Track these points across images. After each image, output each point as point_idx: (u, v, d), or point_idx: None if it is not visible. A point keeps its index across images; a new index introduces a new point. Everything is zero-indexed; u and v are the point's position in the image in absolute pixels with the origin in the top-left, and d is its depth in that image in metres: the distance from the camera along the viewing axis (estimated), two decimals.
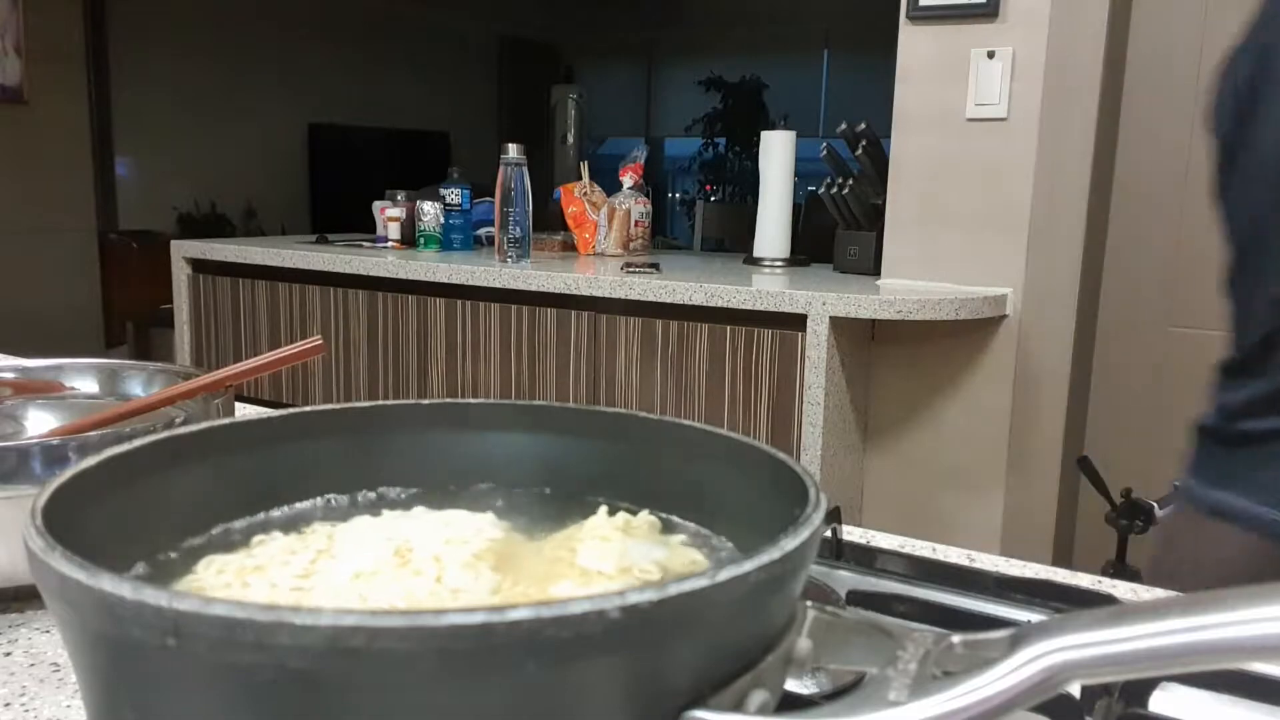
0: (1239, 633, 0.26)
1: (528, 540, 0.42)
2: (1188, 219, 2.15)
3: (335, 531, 0.42)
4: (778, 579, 0.30)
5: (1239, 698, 0.48)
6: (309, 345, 0.70)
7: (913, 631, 0.32)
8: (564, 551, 0.40)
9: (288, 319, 2.55)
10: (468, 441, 0.48)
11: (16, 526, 0.31)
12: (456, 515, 0.43)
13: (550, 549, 0.41)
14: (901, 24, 2.14)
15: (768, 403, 2.01)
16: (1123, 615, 0.28)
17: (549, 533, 0.43)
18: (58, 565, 0.27)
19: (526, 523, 0.44)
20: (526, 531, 0.43)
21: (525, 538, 0.42)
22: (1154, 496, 1.90)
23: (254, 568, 0.38)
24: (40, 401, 0.75)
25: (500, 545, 0.41)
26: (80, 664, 0.30)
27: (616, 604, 0.25)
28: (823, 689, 0.45)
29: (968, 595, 0.59)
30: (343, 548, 0.40)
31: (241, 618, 0.24)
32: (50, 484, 0.34)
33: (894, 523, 2.32)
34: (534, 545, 0.42)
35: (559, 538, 0.42)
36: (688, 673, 0.28)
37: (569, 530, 0.42)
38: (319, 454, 0.46)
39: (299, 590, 0.36)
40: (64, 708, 0.48)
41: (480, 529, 0.41)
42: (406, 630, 0.24)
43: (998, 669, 0.28)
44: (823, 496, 0.35)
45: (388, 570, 0.38)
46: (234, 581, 0.37)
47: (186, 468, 0.41)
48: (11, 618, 0.58)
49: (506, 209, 2.36)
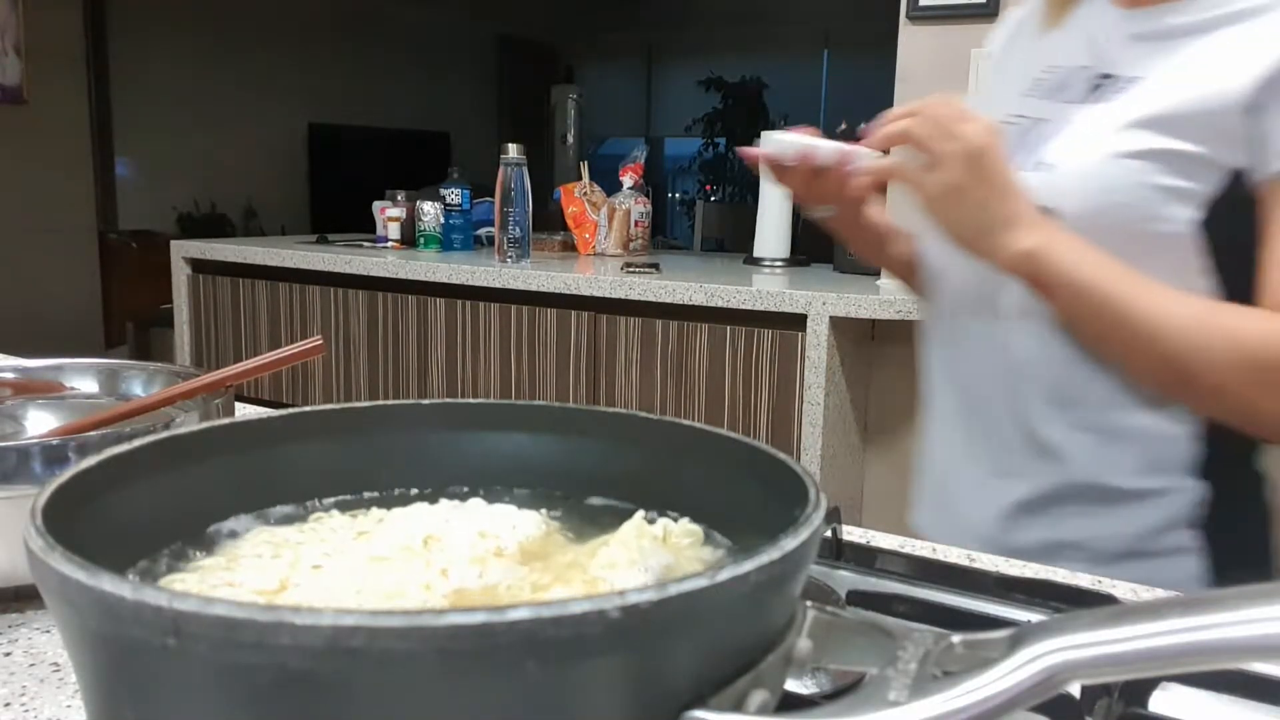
0: (1239, 633, 0.26)
1: (567, 542, 0.43)
2: None
3: (387, 515, 0.44)
4: (778, 579, 0.30)
5: (1239, 698, 0.48)
6: (309, 345, 0.70)
7: (913, 632, 0.32)
8: (585, 556, 0.40)
9: (288, 319, 2.55)
10: (468, 441, 0.48)
11: (16, 526, 0.31)
12: (504, 510, 0.44)
13: (579, 552, 0.41)
14: (901, 24, 2.14)
15: (768, 403, 2.01)
16: (1123, 615, 0.28)
17: (592, 535, 0.43)
18: (58, 565, 0.27)
19: (575, 524, 0.45)
20: (574, 532, 0.44)
21: (565, 539, 0.43)
22: None
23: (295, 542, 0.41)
24: (40, 402, 0.75)
25: (533, 544, 0.41)
26: (80, 664, 0.30)
27: (616, 604, 0.25)
28: (823, 689, 0.45)
29: (968, 595, 0.59)
30: (385, 530, 0.42)
31: (242, 618, 0.24)
32: (50, 484, 0.34)
33: (894, 523, 2.32)
34: (571, 547, 0.42)
35: (594, 543, 0.42)
36: (688, 673, 0.28)
37: (604, 535, 0.43)
38: (319, 454, 0.46)
39: (317, 568, 0.38)
40: (64, 708, 0.48)
41: (517, 526, 0.42)
42: (406, 630, 0.24)
43: (998, 669, 0.28)
44: (823, 496, 0.35)
45: (405, 557, 0.39)
46: (268, 553, 0.40)
47: (186, 468, 0.41)
48: (11, 618, 0.58)
49: (506, 209, 2.36)
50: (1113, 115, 0.80)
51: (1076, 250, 0.76)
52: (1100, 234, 0.77)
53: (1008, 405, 0.86)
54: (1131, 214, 0.78)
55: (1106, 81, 0.84)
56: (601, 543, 0.42)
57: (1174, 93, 0.78)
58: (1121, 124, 0.79)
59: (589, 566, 0.39)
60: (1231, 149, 0.76)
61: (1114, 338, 0.77)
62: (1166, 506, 0.81)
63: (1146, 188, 0.77)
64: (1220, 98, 0.76)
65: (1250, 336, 0.74)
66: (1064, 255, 0.75)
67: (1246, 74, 0.75)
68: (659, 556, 0.40)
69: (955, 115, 0.76)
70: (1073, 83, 0.86)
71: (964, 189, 0.75)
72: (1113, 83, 0.83)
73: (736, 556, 0.31)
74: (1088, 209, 0.78)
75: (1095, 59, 0.86)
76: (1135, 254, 0.77)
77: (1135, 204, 0.77)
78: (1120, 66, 0.83)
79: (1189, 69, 0.79)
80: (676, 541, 0.42)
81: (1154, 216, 0.77)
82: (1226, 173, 0.77)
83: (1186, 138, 0.77)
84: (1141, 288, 0.75)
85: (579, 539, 0.43)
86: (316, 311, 2.51)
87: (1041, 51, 0.92)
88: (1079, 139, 0.81)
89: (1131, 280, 0.75)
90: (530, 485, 0.48)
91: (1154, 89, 0.80)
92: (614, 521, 0.44)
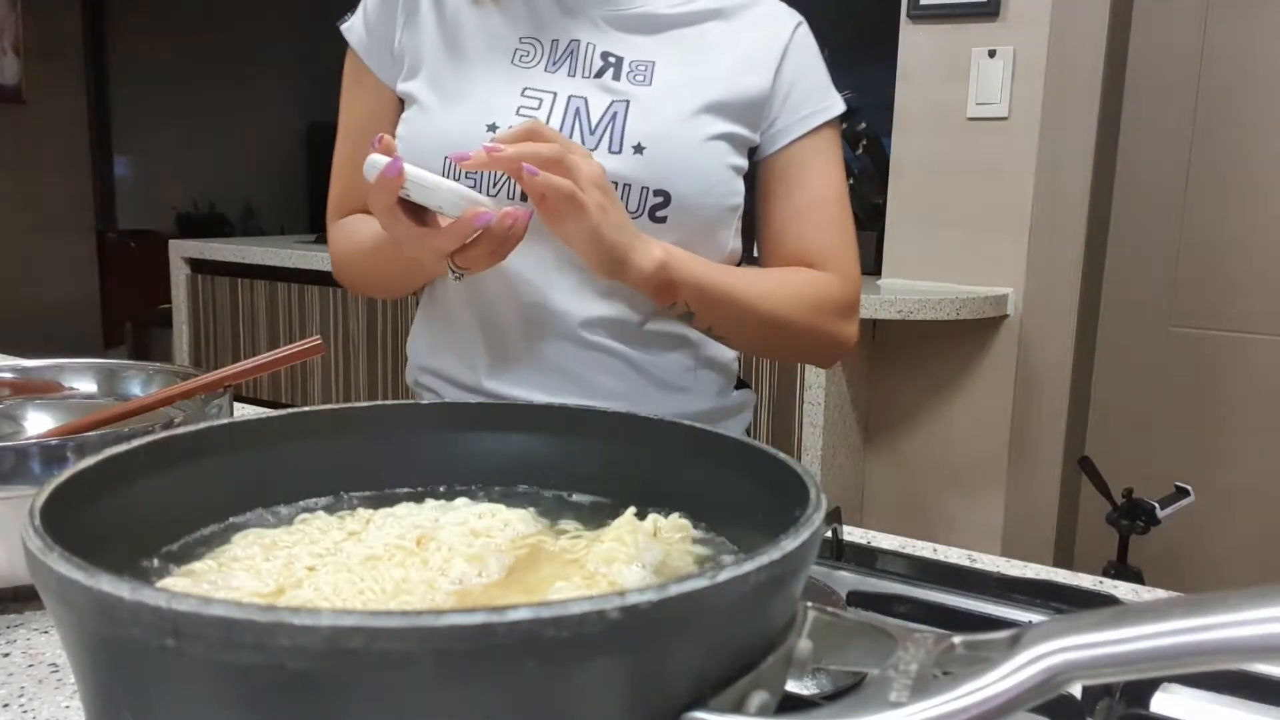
0: (1240, 633, 0.26)
1: (557, 539, 0.43)
2: (1188, 219, 2.15)
3: (375, 516, 0.43)
4: (778, 579, 0.30)
5: (1240, 698, 0.48)
6: (308, 345, 0.70)
7: (913, 632, 0.32)
8: (581, 552, 0.41)
9: (287, 319, 2.55)
10: (467, 441, 0.48)
11: (15, 527, 0.31)
12: (492, 508, 0.44)
13: (572, 549, 0.41)
14: (902, 23, 2.14)
15: (768, 403, 2.01)
16: (1124, 616, 0.28)
17: (581, 532, 0.43)
18: (56, 565, 0.27)
19: (561, 521, 0.45)
20: (558, 530, 0.44)
21: (555, 536, 0.43)
22: (1155, 496, 1.91)
23: (285, 544, 0.40)
24: (39, 401, 0.75)
25: (526, 542, 0.42)
26: (79, 664, 0.30)
27: (616, 604, 0.25)
28: (823, 690, 0.45)
29: (968, 596, 0.59)
30: (373, 531, 0.41)
31: (240, 618, 0.24)
32: (49, 484, 0.34)
33: (894, 523, 2.32)
34: (557, 544, 0.42)
35: (587, 538, 0.42)
36: (688, 673, 0.28)
37: (597, 532, 0.43)
38: (319, 454, 0.46)
39: (311, 569, 0.37)
40: (63, 708, 0.48)
41: (509, 523, 0.42)
42: (405, 630, 0.24)
43: (999, 670, 0.28)
44: (823, 497, 0.35)
45: (399, 556, 0.39)
46: (259, 555, 0.39)
47: (185, 468, 0.41)
48: (11, 618, 0.57)
49: None
50: (676, 100, 0.88)
51: (687, 256, 0.84)
52: (703, 211, 0.88)
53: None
54: (722, 190, 0.89)
55: (617, 62, 0.90)
56: (595, 539, 0.42)
57: (719, 82, 0.89)
58: (692, 109, 0.88)
59: (586, 562, 0.39)
60: (753, 130, 0.91)
61: (731, 318, 0.87)
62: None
63: (726, 168, 0.89)
64: (752, 88, 0.90)
65: (806, 286, 0.91)
66: (684, 261, 0.83)
67: (761, 70, 0.91)
68: (654, 551, 0.40)
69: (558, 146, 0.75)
70: (577, 58, 0.90)
71: (606, 211, 0.76)
72: (625, 65, 0.89)
73: (736, 556, 0.31)
74: (694, 189, 0.87)
75: (575, 31, 0.91)
76: (720, 226, 0.90)
77: (724, 182, 0.89)
78: (613, 46, 0.90)
79: (710, 60, 0.90)
80: (668, 536, 0.42)
81: (732, 192, 0.90)
82: (748, 151, 0.92)
83: (739, 122, 0.90)
84: (736, 274, 0.88)
85: (572, 535, 0.43)
86: (315, 311, 2.50)
87: (487, 17, 0.92)
88: (659, 123, 0.87)
89: (727, 270, 0.88)
90: (523, 483, 0.48)
91: (693, 77, 0.89)
92: (602, 518, 0.44)
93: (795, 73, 0.93)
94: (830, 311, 0.93)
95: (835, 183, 0.95)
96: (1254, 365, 2.11)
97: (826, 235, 0.94)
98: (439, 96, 0.90)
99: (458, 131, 0.87)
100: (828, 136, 0.95)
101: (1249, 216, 2.09)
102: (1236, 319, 2.12)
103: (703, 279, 0.84)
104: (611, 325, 0.90)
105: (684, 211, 0.87)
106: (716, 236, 0.91)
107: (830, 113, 0.95)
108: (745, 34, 0.93)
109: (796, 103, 0.93)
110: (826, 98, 0.95)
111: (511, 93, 0.89)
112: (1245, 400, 2.12)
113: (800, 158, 0.93)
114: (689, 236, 0.87)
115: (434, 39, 0.92)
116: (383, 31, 0.94)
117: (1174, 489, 1.91)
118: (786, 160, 0.93)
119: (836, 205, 0.95)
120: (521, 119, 0.87)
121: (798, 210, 0.94)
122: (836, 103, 0.96)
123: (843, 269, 0.94)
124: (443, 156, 0.86)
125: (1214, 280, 2.13)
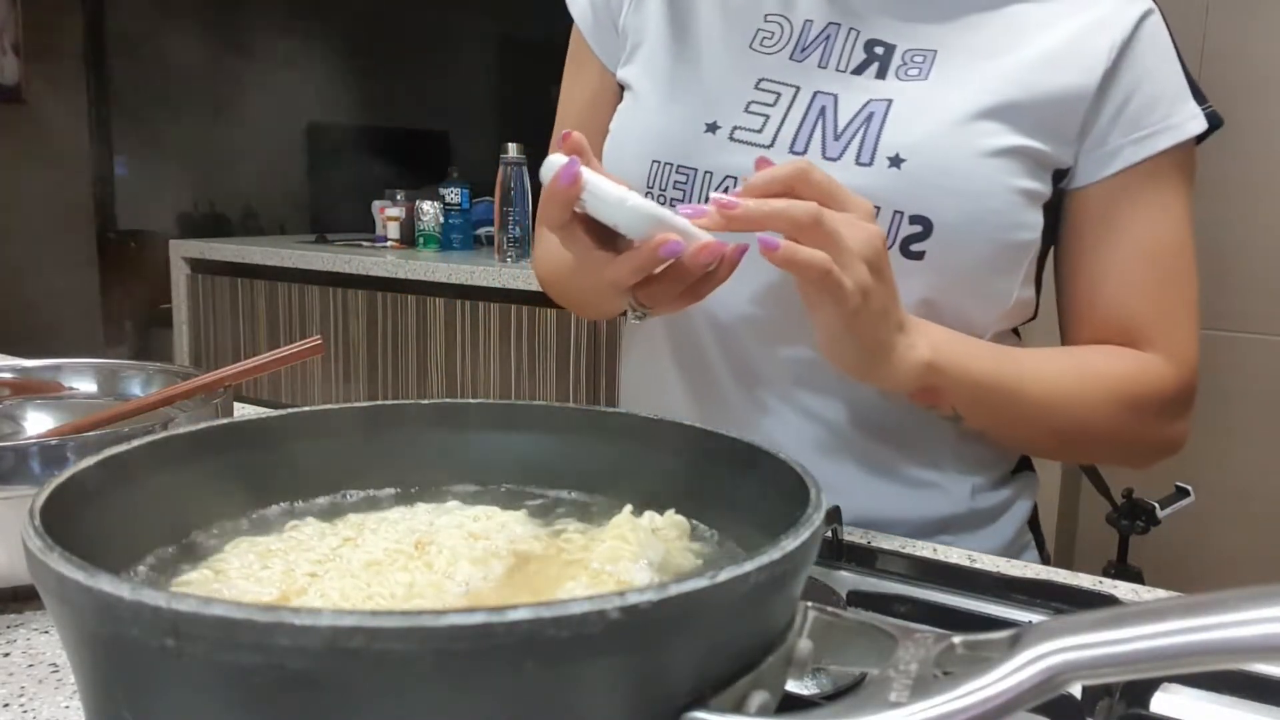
0: (1240, 633, 0.26)
1: (552, 539, 0.43)
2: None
3: (366, 520, 0.43)
4: (778, 579, 0.30)
5: (1240, 698, 0.48)
6: (308, 345, 0.70)
7: (913, 632, 0.32)
8: (582, 551, 0.40)
9: (287, 319, 2.55)
10: (467, 441, 0.48)
11: (15, 527, 0.31)
12: (487, 511, 0.44)
13: (571, 548, 0.41)
14: None
15: None
16: (1124, 616, 0.28)
17: (577, 531, 0.43)
18: (56, 565, 0.27)
19: (557, 521, 0.45)
20: (555, 530, 0.44)
21: (552, 536, 0.43)
22: (1155, 497, 1.90)
23: (279, 551, 0.40)
24: (39, 401, 0.75)
25: (523, 542, 0.42)
26: (79, 664, 0.30)
27: (616, 604, 0.25)
28: (823, 690, 0.45)
29: (968, 596, 0.59)
30: (368, 536, 0.41)
31: (240, 618, 0.24)
32: (49, 484, 0.34)
33: None
34: (556, 544, 0.42)
35: (584, 538, 0.42)
36: (688, 673, 0.28)
37: (594, 530, 0.42)
38: (319, 454, 0.46)
39: (313, 575, 0.37)
40: (63, 708, 0.48)
41: (505, 525, 0.42)
42: (405, 631, 0.24)
43: (999, 670, 0.28)
44: (823, 497, 0.35)
45: (400, 561, 0.39)
46: (255, 562, 0.38)
47: (185, 468, 0.41)
48: (11, 618, 0.57)
49: (506, 209, 2.36)
50: (950, 99, 0.69)
51: (958, 345, 0.67)
52: (974, 247, 0.68)
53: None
54: (1003, 222, 0.69)
55: (886, 52, 0.71)
56: (594, 538, 0.42)
57: (1016, 79, 0.69)
58: (971, 112, 0.68)
59: (590, 562, 0.39)
60: (1062, 146, 0.70)
61: (1013, 423, 0.71)
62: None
63: (1013, 192, 0.69)
64: (1068, 89, 0.69)
65: (1119, 379, 0.72)
66: (955, 357, 0.66)
67: (1083, 66, 0.69)
68: (656, 548, 0.40)
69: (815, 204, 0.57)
70: (833, 46, 0.72)
71: (869, 296, 0.58)
72: (896, 56, 0.71)
73: (736, 556, 0.31)
74: (964, 218, 0.68)
75: (838, 12, 0.73)
76: (999, 270, 0.70)
77: (1007, 211, 0.69)
78: (884, 33, 0.72)
79: (1011, 51, 0.70)
80: (665, 534, 0.42)
81: (1018, 225, 0.69)
82: (1052, 174, 0.71)
83: (1039, 133, 0.69)
84: (1022, 365, 0.70)
85: (569, 535, 0.43)
86: (315, 311, 2.50)
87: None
88: (925, 128, 0.69)
89: (1010, 359, 0.69)
90: (511, 484, 0.48)
91: (982, 72, 0.70)
92: (596, 517, 0.44)
93: (1137, 76, 0.70)
94: (1153, 412, 0.72)
95: (1174, 229, 0.72)
96: (1254, 365, 2.11)
97: (1156, 301, 0.72)
98: (655, 85, 0.74)
99: (670, 131, 0.72)
100: (1174, 165, 0.71)
101: (1249, 217, 2.09)
102: (1236, 319, 2.12)
103: (980, 379, 0.66)
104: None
105: (948, 247, 0.67)
106: (993, 283, 0.71)
107: (1181, 133, 0.71)
108: (1067, 20, 0.70)
109: (1135, 116, 0.70)
110: (1177, 111, 0.71)
111: (743, 85, 0.72)
112: (1245, 400, 2.12)
113: (1131, 192, 0.71)
114: (954, 281, 0.69)
115: (661, 13, 0.76)
116: (609, 3, 0.79)
117: (1174, 489, 1.90)
118: (1110, 193, 0.71)
119: (1174, 261, 0.72)
120: (751, 116, 0.71)
121: (1119, 264, 0.72)
122: (1191, 119, 0.71)
123: (1176, 349, 0.73)
124: (650, 161, 0.71)
125: (1213, 281, 2.13)
